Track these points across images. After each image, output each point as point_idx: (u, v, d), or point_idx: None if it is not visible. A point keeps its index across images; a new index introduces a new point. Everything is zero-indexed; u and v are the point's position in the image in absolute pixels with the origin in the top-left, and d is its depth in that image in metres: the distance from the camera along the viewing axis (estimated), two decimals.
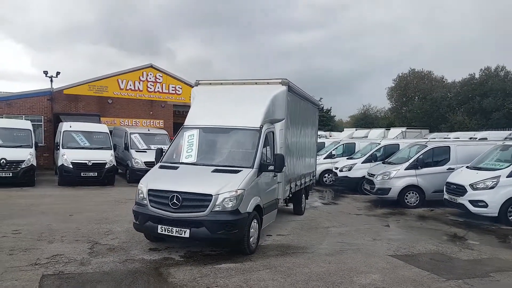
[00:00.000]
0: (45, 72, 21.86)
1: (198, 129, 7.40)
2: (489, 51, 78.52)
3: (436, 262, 6.42)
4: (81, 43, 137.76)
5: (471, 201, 9.40)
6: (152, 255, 6.32)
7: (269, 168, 6.97)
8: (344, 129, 43.35)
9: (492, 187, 9.17)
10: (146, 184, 6.53)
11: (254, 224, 6.54)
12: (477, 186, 9.36)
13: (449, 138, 21.42)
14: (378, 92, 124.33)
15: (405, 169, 11.75)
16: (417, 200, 11.66)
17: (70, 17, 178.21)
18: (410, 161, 11.87)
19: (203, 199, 6.04)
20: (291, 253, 6.70)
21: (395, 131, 29.93)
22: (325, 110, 47.98)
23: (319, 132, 27.25)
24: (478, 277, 5.74)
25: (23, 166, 13.38)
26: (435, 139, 19.58)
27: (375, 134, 29.85)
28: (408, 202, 11.67)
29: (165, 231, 6.11)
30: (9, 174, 13.19)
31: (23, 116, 19.80)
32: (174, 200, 6.05)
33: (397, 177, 11.73)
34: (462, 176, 10.04)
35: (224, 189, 6.07)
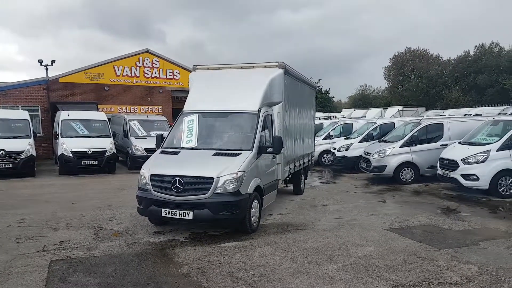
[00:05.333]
0: (40, 61, 21.63)
1: (197, 114, 7.55)
2: (484, 29, 78.17)
3: (428, 234, 6.71)
4: (68, 28, 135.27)
5: (463, 175, 9.70)
6: (157, 238, 6.56)
7: (268, 150, 7.18)
8: (343, 109, 43.47)
9: (483, 161, 9.46)
10: (148, 169, 6.71)
11: (255, 204, 6.79)
12: (469, 160, 9.65)
13: (445, 115, 21.62)
14: (375, 72, 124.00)
15: (400, 147, 12.02)
16: (412, 176, 11.96)
17: (55, 1, 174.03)
18: (405, 138, 12.14)
19: (205, 182, 6.25)
20: (291, 230, 6.97)
21: (392, 110, 30.08)
22: (323, 91, 47.89)
23: (320, 114, 27.45)
24: (468, 246, 6.04)
25: (22, 156, 13.49)
26: (431, 117, 19.78)
27: (372, 113, 30.02)
28: (403, 178, 11.98)
29: (169, 214, 6.34)
30: (9, 165, 13.31)
31: (20, 106, 19.78)
32: (177, 184, 6.25)
33: (393, 154, 12.00)
34: (455, 152, 10.30)
35: (225, 171, 6.28)
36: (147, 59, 23.59)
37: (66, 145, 14.38)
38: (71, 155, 14.25)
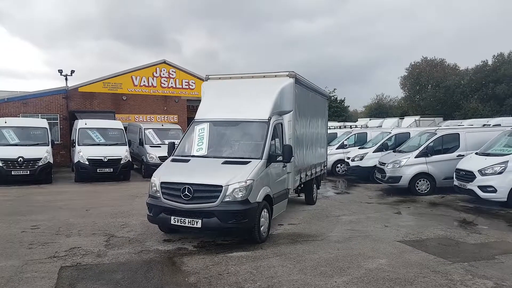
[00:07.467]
0: (60, 71, 22.32)
1: (208, 123, 7.59)
2: (502, 37, 76.60)
3: (443, 247, 6.52)
4: (85, 39, 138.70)
5: (480, 187, 9.44)
6: (166, 246, 6.56)
7: (277, 159, 7.13)
8: (358, 119, 43.12)
9: (500, 172, 9.19)
10: (158, 177, 6.76)
11: (264, 213, 6.73)
12: (486, 171, 9.39)
13: (463, 125, 21.18)
14: (391, 81, 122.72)
15: (415, 157, 11.78)
16: (428, 187, 11.69)
17: (72, 12, 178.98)
18: (420, 149, 11.90)
19: (213, 190, 6.24)
20: (301, 241, 6.87)
21: (408, 120, 29.66)
22: (339, 101, 47.60)
23: (335, 123, 27.22)
24: (484, 259, 5.84)
25: (40, 163, 13.76)
26: (448, 127, 19.41)
27: (389, 123, 29.67)
28: (419, 189, 11.72)
29: (178, 222, 6.33)
30: (27, 172, 13.58)
31: (39, 114, 20.27)
32: (186, 192, 6.26)
33: (408, 165, 11.77)
34: (471, 162, 10.05)
35: (234, 180, 6.26)
36: (164, 70, 24.02)
37: (83, 153, 14.62)
38: (87, 162, 14.48)
